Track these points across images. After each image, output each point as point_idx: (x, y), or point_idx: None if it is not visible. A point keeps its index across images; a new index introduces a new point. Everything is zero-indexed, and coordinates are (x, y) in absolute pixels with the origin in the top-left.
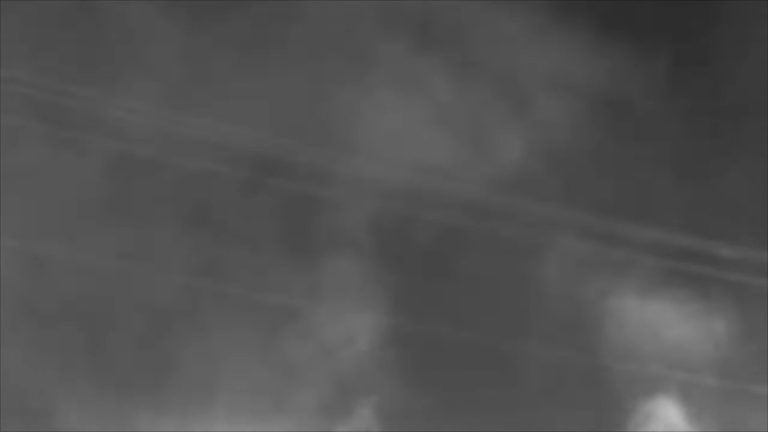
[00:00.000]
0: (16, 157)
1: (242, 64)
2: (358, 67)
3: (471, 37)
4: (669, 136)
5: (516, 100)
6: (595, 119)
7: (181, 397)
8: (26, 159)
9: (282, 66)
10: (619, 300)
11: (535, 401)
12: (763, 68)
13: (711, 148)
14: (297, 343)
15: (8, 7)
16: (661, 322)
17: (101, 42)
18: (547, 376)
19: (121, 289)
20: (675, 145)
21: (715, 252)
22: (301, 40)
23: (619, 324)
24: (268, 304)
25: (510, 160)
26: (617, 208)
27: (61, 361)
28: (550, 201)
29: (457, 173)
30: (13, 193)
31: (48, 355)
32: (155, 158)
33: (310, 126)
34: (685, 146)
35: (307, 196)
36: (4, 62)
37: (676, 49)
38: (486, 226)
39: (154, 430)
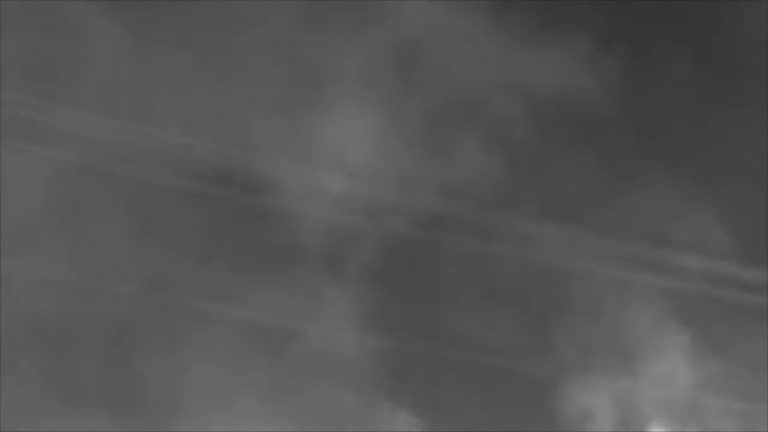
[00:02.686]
0: None
1: (193, 74)
2: (312, 77)
3: (421, 41)
4: (624, 137)
5: (468, 104)
6: (549, 122)
7: (145, 411)
8: None
9: (235, 75)
10: (590, 311)
11: (511, 414)
12: (718, 64)
13: (668, 149)
14: (260, 358)
15: None
16: (623, 330)
17: (46, 49)
18: (522, 390)
19: (75, 302)
20: (629, 148)
21: (677, 262)
22: (254, 49)
23: (590, 335)
24: (228, 317)
25: (466, 167)
26: (578, 214)
27: (18, 376)
28: (509, 208)
29: (412, 182)
30: None
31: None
32: (107, 169)
33: (264, 136)
34: (640, 148)
35: (263, 207)
36: None
37: (631, 47)
38: (442, 235)
39: None
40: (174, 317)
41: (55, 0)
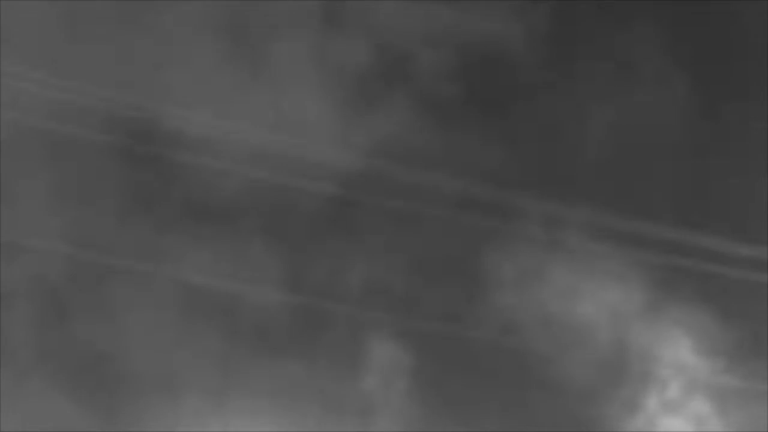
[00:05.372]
0: None
1: (120, 29)
2: (239, 34)
3: None
4: (552, 94)
5: (391, 58)
6: (479, 77)
7: (80, 372)
8: None
9: (162, 31)
10: (516, 273)
11: (452, 376)
12: (650, 14)
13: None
14: (190, 318)
15: None
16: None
17: None
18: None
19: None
20: (559, 105)
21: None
22: (182, 5)
23: (515, 296)
24: (157, 277)
25: (394, 124)
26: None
27: None
28: (434, 168)
29: (339, 140)
30: None
31: None
32: (32, 125)
33: (191, 92)
34: (569, 106)
35: (190, 165)
36: None
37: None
38: (370, 195)
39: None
40: (102, 277)
41: None
